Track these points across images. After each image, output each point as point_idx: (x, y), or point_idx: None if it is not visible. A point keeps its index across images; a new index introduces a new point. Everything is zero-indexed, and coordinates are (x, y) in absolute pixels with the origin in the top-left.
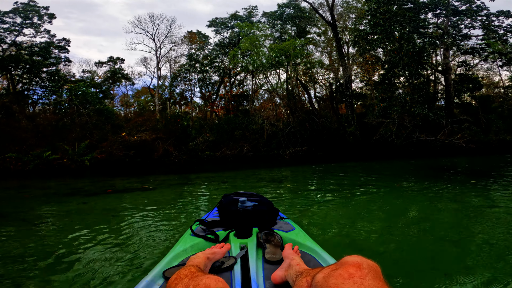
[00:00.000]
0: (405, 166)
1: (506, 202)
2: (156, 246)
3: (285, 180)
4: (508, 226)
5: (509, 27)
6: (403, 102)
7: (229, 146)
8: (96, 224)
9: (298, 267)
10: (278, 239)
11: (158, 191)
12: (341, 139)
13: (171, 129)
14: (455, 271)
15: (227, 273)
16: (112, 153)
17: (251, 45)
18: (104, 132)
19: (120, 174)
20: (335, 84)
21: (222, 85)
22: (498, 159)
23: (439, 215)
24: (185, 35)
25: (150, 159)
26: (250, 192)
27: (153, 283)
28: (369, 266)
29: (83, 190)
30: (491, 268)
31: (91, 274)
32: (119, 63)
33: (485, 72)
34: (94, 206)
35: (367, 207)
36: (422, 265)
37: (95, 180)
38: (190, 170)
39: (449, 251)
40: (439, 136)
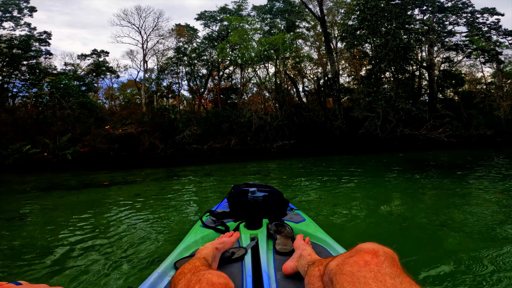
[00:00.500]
0: (390, 159)
1: (480, 192)
2: (143, 240)
3: (273, 172)
4: (481, 213)
5: (493, 24)
6: (387, 97)
7: (217, 140)
8: (79, 218)
9: (310, 257)
10: (289, 230)
11: (142, 184)
12: (328, 132)
13: (158, 122)
14: (438, 253)
15: (238, 264)
16: (95, 147)
17: (240, 39)
18: (87, 125)
19: (104, 168)
20: (323, 78)
21: (210, 79)
22: (478, 153)
23: (421, 203)
24: (173, 28)
25: (136, 153)
26: (260, 183)
27: (165, 274)
28: (385, 253)
29: (62, 184)
30: (467, 248)
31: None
32: (103, 56)
33: (468, 69)
34: (76, 199)
35: (354, 196)
36: (408, 249)
37: (76, 174)
38: (175, 163)
39: (432, 235)
40: (421, 130)
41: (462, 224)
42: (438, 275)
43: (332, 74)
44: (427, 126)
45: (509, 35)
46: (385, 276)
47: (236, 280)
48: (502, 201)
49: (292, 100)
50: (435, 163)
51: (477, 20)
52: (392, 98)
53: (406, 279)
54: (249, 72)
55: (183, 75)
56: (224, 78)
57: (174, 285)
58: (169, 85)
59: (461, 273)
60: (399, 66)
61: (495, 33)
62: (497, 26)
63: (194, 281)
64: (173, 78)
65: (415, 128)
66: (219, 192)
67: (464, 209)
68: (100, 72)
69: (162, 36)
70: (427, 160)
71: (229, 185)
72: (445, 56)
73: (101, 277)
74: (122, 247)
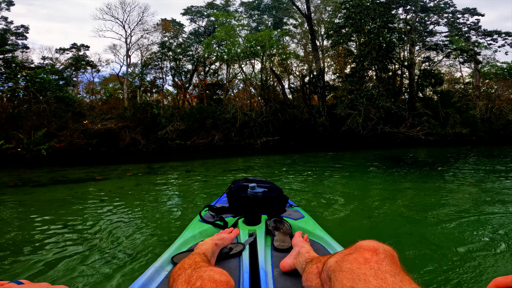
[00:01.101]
0: (370, 156)
1: (454, 185)
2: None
3: (257, 169)
4: (452, 204)
5: (473, 25)
6: (369, 95)
7: (200, 135)
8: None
9: (308, 255)
10: (287, 227)
11: (112, 181)
12: (312, 129)
13: (140, 117)
14: (410, 242)
15: (235, 260)
16: (72, 142)
17: (226, 35)
18: (64, 120)
19: (79, 163)
20: (308, 75)
21: (196, 74)
22: (451, 151)
23: (398, 197)
24: (158, 23)
25: (116, 148)
26: (260, 178)
27: (162, 269)
28: (385, 251)
29: (32, 181)
30: (438, 236)
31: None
32: (83, 50)
33: (448, 69)
34: (38, 198)
35: (337, 191)
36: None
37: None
38: (155, 159)
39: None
40: (401, 128)
41: (437, 214)
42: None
43: (316, 71)
44: (406, 124)
45: (488, 35)
46: (385, 273)
47: (233, 276)
48: (473, 193)
49: (278, 97)
50: (414, 160)
51: (458, 20)
52: (374, 96)
53: (406, 277)
54: (236, 68)
55: (167, 70)
56: (210, 74)
57: (173, 280)
58: (153, 80)
59: (433, 259)
60: (381, 65)
61: (475, 33)
62: (477, 26)
63: (195, 277)
64: (157, 73)
65: (395, 126)
66: (197, 189)
67: (439, 200)
68: (79, 66)
69: (146, 31)
70: (405, 157)
71: (211, 181)
72: (426, 55)
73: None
74: (96, 244)
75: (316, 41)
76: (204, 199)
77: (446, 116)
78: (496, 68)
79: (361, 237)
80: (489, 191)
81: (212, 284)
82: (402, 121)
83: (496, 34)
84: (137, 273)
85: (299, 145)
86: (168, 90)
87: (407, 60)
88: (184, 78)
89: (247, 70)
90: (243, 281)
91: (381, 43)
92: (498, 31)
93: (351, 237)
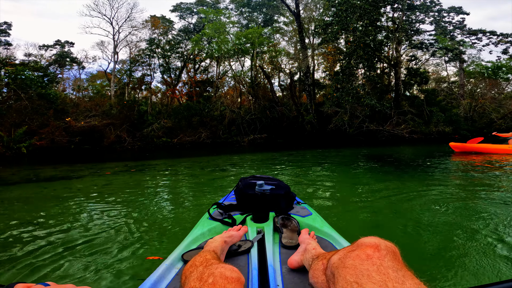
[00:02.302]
0: (355, 154)
1: (430, 182)
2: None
3: (239, 166)
4: (426, 199)
5: (458, 24)
6: (354, 93)
7: (187, 133)
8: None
9: (314, 251)
10: (295, 224)
11: (83, 179)
12: (300, 127)
13: (126, 114)
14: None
15: (244, 257)
16: (53, 140)
17: (214, 32)
18: (46, 117)
19: (60, 162)
20: (298, 73)
21: (185, 71)
22: (434, 149)
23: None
24: (147, 20)
25: (100, 146)
26: (267, 176)
27: (173, 266)
28: (387, 247)
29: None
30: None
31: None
32: (68, 47)
33: (435, 67)
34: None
35: (320, 187)
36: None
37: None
38: (137, 157)
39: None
40: (386, 126)
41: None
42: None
43: (304, 69)
44: (392, 122)
45: (473, 34)
46: (387, 269)
47: (242, 272)
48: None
49: (267, 94)
50: (398, 156)
51: (443, 19)
52: (359, 94)
53: (408, 272)
54: (226, 65)
55: (155, 67)
56: (200, 71)
57: (185, 277)
58: (141, 77)
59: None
60: (367, 63)
61: (460, 32)
62: (462, 25)
63: (207, 274)
64: (144, 70)
65: (380, 124)
66: (176, 187)
67: (422, 194)
68: (64, 63)
69: (134, 27)
70: (390, 155)
71: (189, 179)
72: (412, 54)
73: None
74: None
75: (305, 39)
76: (185, 197)
77: (431, 114)
78: (481, 67)
79: (359, 232)
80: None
81: (223, 280)
82: (388, 119)
83: (481, 33)
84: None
85: (287, 143)
86: (158, 87)
87: (393, 59)
88: (174, 75)
89: (237, 67)
90: (252, 278)
91: (367, 41)
92: (483, 30)
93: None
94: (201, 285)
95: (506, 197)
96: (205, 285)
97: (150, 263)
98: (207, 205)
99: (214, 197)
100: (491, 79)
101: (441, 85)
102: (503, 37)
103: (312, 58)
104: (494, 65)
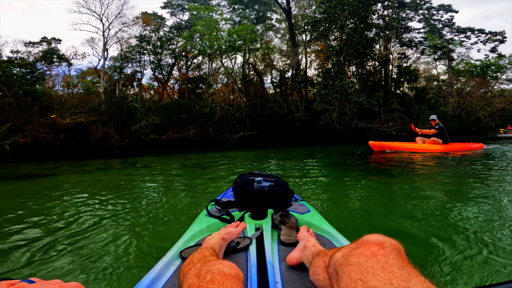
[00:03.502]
0: (344, 151)
1: (413, 178)
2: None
3: (226, 164)
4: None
5: (447, 21)
6: (342, 90)
7: (176, 130)
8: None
9: (314, 248)
10: (293, 221)
11: (57, 177)
12: (290, 124)
13: (115, 111)
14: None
15: (243, 254)
16: (38, 137)
17: (204, 28)
18: (30, 114)
19: (43, 159)
20: (290, 70)
21: (176, 68)
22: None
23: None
24: (138, 16)
25: (86, 143)
26: (265, 172)
27: (171, 263)
28: (391, 245)
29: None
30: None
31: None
32: (55, 43)
33: (426, 66)
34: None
35: (310, 185)
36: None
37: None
38: (124, 154)
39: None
40: (374, 124)
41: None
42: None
43: (294, 66)
44: (380, 119)
45: (461, 32)
46: (392, 266)
47: (240, 269)
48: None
49: (258, 91)
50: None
51: (433, 16)
52: (347, 91)
53: (413, 270)
54: (218, 62)
55: (147, 63)
56: (193, 68)
57: (183, 274)
58: (132, 74)
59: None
60: (357, 61)
61: (449, 30)
62: (451, 23)
63: (205, 271)
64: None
65: (369, 121)
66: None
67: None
68: (52, 60)
69: (125, 24)
70: (356, 152)
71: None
72: (401, 52)
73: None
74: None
75: (295, 35)
76: (175, 195)
77: (420, 112)
78: (469, 65)
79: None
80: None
81: (222, 277)
82: (377, 117)
83: (469, 31)
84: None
85: (277, 140)
86: (151, 84)
87: (382, 56)
88: (165, 72)
89: (229, 64)
90: (251, 275)
91: (355, 38)
92: (471, 28)
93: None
94: (199, 282)
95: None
96: (203, 282)
97: (144, 259)
98: (196, 202)
99: (203, 195)
100: (479, 78)
101: (432, 83)
102: (492, 36)
103: (305, 55)
104: (483, 63)
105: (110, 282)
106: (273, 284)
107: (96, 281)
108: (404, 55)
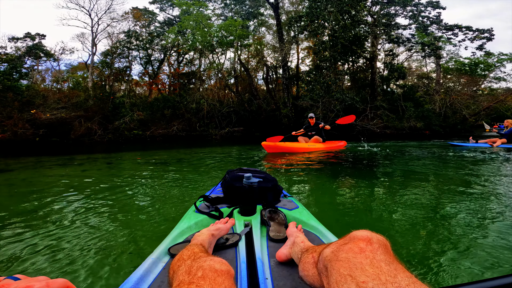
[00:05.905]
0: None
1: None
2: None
3: (210, 159)
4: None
5: (434, 18)
6: (324, 86)
7: (160, 125)
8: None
9: (303, 244)
10: (282, 217)
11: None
12: (277, 120)
13: (100, 106)
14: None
15: (232, 250)
16: (17, 133)
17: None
18: (10, 109)
19: (22, 155)
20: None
21: (166, 63)
22: (404, 144)
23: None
24: (127, 11)
25: (68, 139)
26: (254, 169)
27: (159, 260)
28: (379, 240)
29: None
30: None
31: None
32: (39, 39)
33: (418, 64)
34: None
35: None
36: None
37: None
38: (106, 150)
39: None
40: (358, 121)
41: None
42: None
43: (280, 62)
44: (365, 116)
45: (449, 29)
46: (380, 262)
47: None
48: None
49: (247, 87)
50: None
51: (421, 13)
52: (330, 87)
53: (400, 266)
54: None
55: (137, 58)
56: (184, 64)
57: (173, 271)
58: (121, 69)
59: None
60: (338, 56)
61: (436, 27)
62: (438, 20)
63: (196, 267)
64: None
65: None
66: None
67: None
68: (39, 55)
69: (114, 19)
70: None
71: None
72: (389, 49)
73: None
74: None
75: (283, 31)
76: (162, 191)
77: (406, 109)
78: (458, 63)
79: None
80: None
81: (213, 273)
82: (362, 114)
83: (457, 28)
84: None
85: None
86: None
87: (370, 53)
88: (154, 67)
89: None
90: (241, 271)
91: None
92: (459, 25)
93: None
94: (190, 279)
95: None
96: (194, 279)
97: (131, 257)
98: (183, 198)
99: (191, 191)
100: (467, 76)
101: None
102: (479, 33)
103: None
104: (472, 61)
105: (97, 279)
106: (262, 280)
107: (82, 278)
108: (392, 52)
